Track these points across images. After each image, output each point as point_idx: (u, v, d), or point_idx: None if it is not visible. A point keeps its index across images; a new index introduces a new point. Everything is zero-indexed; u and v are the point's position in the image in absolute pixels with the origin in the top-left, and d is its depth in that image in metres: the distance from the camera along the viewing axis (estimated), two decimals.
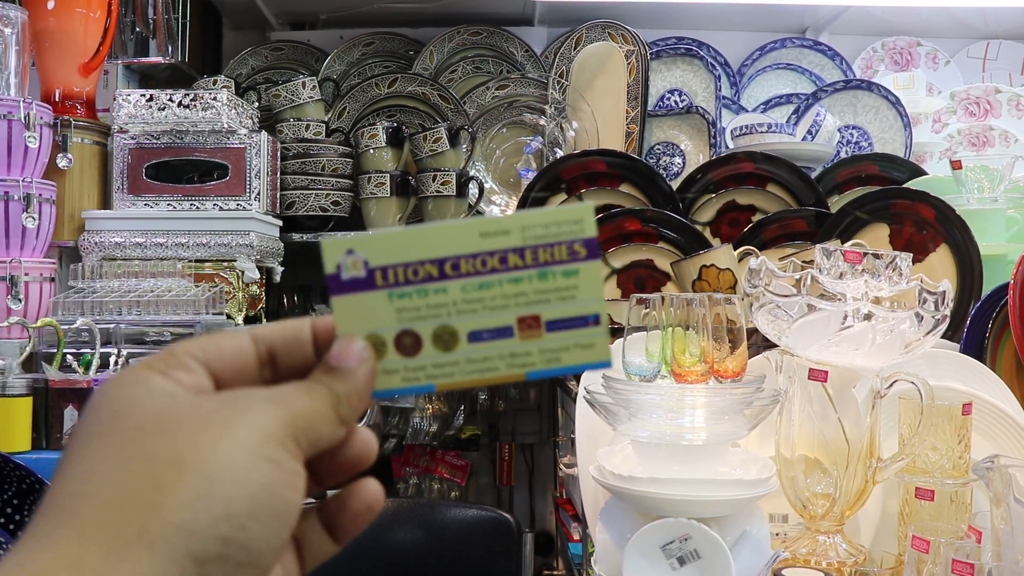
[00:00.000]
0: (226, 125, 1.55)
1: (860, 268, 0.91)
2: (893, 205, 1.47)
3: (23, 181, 1.43)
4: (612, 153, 1.70)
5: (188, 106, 1.53)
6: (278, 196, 1.73)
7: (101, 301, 1.41)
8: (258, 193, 1.59)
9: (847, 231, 1.48)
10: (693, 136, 1.92)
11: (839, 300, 0.91)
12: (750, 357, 0.94)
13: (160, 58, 1.81)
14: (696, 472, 0.83)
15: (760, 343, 1.07)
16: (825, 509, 0.88)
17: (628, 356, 0.90)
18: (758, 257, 0.98)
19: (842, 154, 1.89)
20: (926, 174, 1.71)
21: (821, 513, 0.88)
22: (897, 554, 0.88)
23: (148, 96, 1.55)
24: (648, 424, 0.86)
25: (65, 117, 1.55)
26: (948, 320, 0.90)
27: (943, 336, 0.95)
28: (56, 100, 1.58)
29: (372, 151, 1.82)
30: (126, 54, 1.78)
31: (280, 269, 1.70)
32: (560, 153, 1.84)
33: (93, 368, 1.31)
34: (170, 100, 1.54)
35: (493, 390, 1.89)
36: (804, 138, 1.82)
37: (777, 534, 0.94)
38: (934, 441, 0.87)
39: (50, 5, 1.54)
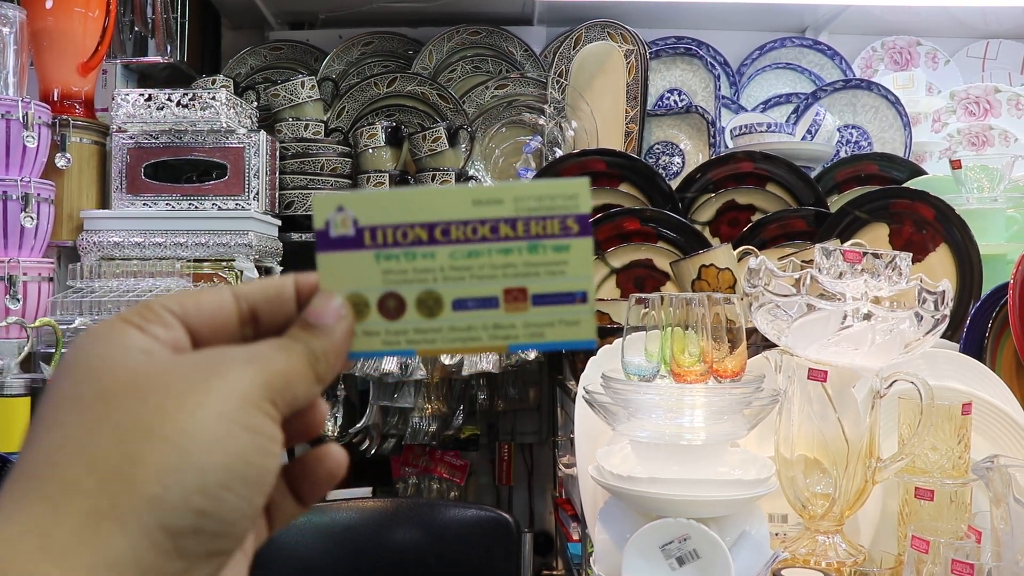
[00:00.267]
0: (225, 125, 1.55)
1: (860, 268, 0.90)
2: (893, 205, 1.47)
3: (21, 181, 1.43)
4: (611, 152, 1.70)
5: (187, 106, 1.53)
6: (277, 196, 1.73)
7: (100, 301, 1.41)
8: (257, 193, 1.58)
9: (847, 231, 1.47)
10: (692, 136, 1.92)
11: (838, 300, 0.91)
12: (749, 357, 0.94)
13: (159, 58, 1.80)
14: (695, 472, 0.83)
15: (759, 343, 1.07)
16: (824, 509, 0.88)
17: (627, 356, 0.90)
18: (757, 257, 0.98)
19: (842, 154, 1.89)
20: (926, 174, 1.71)
21: (820, 513, 0.88)
22: (897, 554, 0.88)
23: (147, 96, 1.55)
24: (647, 424, 0.86)
25: (64, 117, 1.55)
26: (948, 320, 0.90)
27: (943, 336, 0.95)
28: (55, 99, 1.58)
29: (371, 151, 1.82)
30: (125, 53, 1.78)
31: (279, 269, 1.70)
32: (559, 152, 1.84)
33: None
34: (169, 100, 1.54)
35: (493, 389, 1.88)
36: (803, 138, 1.81)
37: (776, 534, 0.94)
38: (934, 441, 0.87)
39: (48, 4, 1.54)
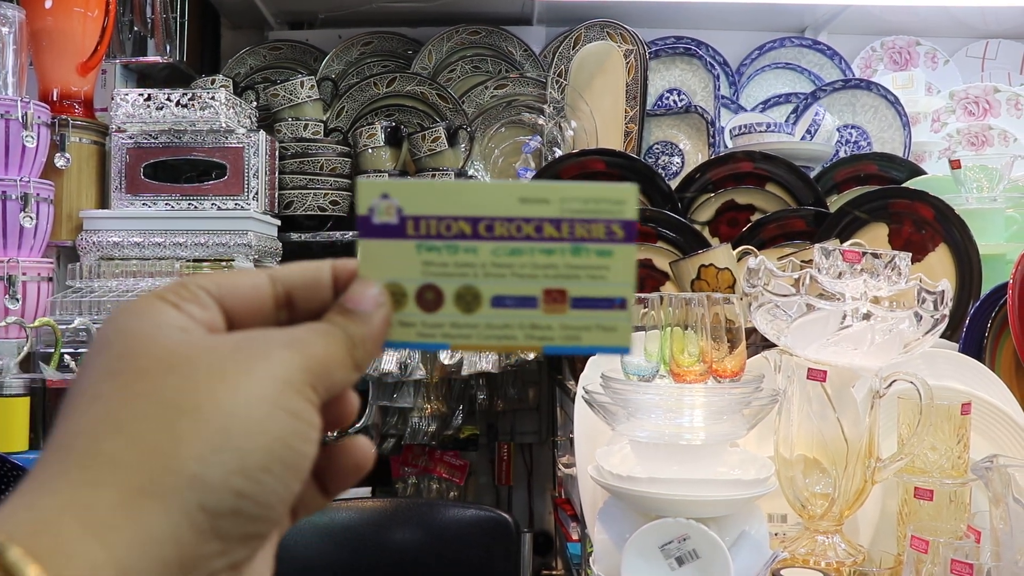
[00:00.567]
0: (224, 124, 1.55)
1: (859, 268, 0.90)
2: (892, 204, 1.47)
3: (21, 180, 1.43)
4: (611, 152, 1.70)
5: (186, 105, 1.53)
6: (276, 195, 1.73)
7: (99, 301, 1.41)
8: (256, 192, 1.58)
9: (846, 230, 1.47)
10: (692, 135, 1.92)
11: (838, 300, 0.91)
12: (749, 357, 0.94)
13: (158, 57, 1.80)
14: (695, 472, 0.83)
15: (759, 343, 1.06)
16: (824, 509, 0.88)
17: (627, 356, 0.90)
18: (757, 257, 0.98)
19: (841, 153, 1.89)
20: (925, 173, 1.71)
21: (820, 513, 0.88)
22: (896, 554, 0.88)
23: (146, 95, 1.55)
24: (647, 424, 0.86)
25: (63, 116, 1.55)
26: (947, 320, 0.90)
27: (942, 336, 0.95)
28: (54, 99, 1.58)
29: (371, 150, 1.82)
30: (124, 53, 1.78)
31: None
32: (559, 152, 1.84)
33: None
34: (168, 99, 1.54)
35: (492, 389, 1.88)
36: (803, 137, 1.81)
37: (776, 534, 0.94)
38: (933, 441, 0.87)
39: (48, 4, 1.54)
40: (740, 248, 1.37)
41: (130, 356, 0.28)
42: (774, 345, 0.97)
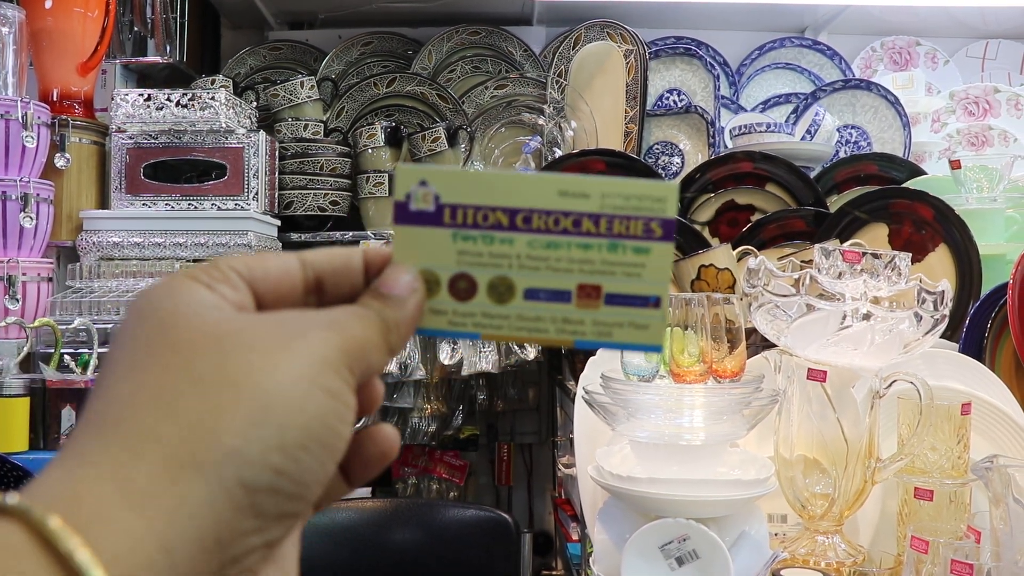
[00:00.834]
0: (224, 125, 1.55)
1: (859, 268, 0.90)
2: (892, 205, 1.47)
3: (21, 181, 1.43)
4: (611, 153, 1.70)
5: (186, 106, 1.53)
6: (276, 196, 1.73)
7: (99, 301, 1.41)
8: (256, 193, 1.58)
9: (846, 231, 1.47)
10: (692, 136, 1.92)
11: (838, 300, 0.91)
12: (749, 357, 0.94)
13: (158, 58, 1.80)
14: (695, 472, 0.83)
15: (759, 343, 1.06)
16: (824, 509, 0.88)
17: (626, 356, 0.90)
18: (757, 257, 0.98)
19: (841, 154, 1.89)
20: (925, 174, 1.71)
21: (820, 513, 0.88)
22: (896, 554, 0.88)
23: (146, 96, 1.55)
24: (647, 424, 0.86)
25: (63, 117, 1.55)
26: (947, 320, 0.90)
27: (942, 336, 0.94)
28: (54, 100, 1.58)
29: (371, 151, 1.82)
30: (124, 54, 1.78)
31: None
32: (559, 153, 1.84)
33: (91, 368, 1.31)
34: (168, 100, 1.54)
35: (492, 389, 1.89)
36: (803, 138, 1.81)
37: (776, 534, 0.94)
38: (933, 441, 0.87)
39: (48, 4, 1.54)
40: (740, 248, 1.37)
41: (168, 330, 0.28)
42: (774, 345, 0.96)
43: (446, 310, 0.33)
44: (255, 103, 1.81)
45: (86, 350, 1.33)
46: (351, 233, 1.78)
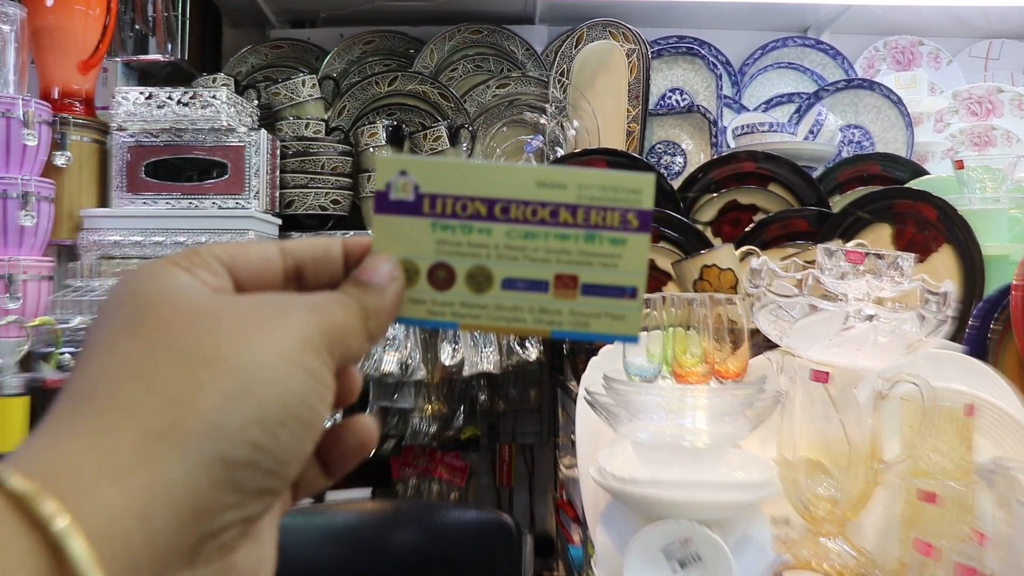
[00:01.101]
0: (225, 123, 1.55)
1: (862, 268, 0.90)
2: (895, 205, 1.46)
3: (21, 179, 1.42)
4: (613, 152, 1.70)
5: (187, 104, 1.53)
6: (277, 195, 1.73)
7: (99, 300, 1.41)
8: (257, 191, 1.58)
9: (849, 231, 1.47)
10: (694, 135, 1.92)
11: (841, 300, 0.91)
12: (751, 358, 0.94)
13: (159, 56, 1.80)
14: (697, 474, 0.83)
15: (761, 343, 1.06)
16: (827, 511, 0.87)
17: (629, 356, 0.90)
18: (760, 257, 0.98)
19: (844, 154, 1.89)
20: (928, 174, 1.70)
21: (823, 515, 0.88)
22: (900, 557, 0.87)
23: (147, 94, 1.54)
24: (649, 425, 0.86)
25: (64, 115, 1.55)
26: (951, 321, 0.89)
27: (947, 337, 0.94)
28: (55, 98, 1.58)
29: (372, 149, 1.82)
30: (125, 52, 1.78)
31: None
32: (561, 152, 1.84)
33: None
34: (169, 98, 1.54)
35: (493, 390, 1.88)
36: (806, 137, 1.81)
37: (779, 537, 0.93)
38: (936, 443, 0.86)
39: (49, 3, 1.53)
40: (743, 248, 1.37)
41: (148, 309, 0.28)
42: (777, 346, 0.96)
43: (425, 299, 0.34)
44: (256, 101, 1.81)
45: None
46: (351, 233, 1.77)
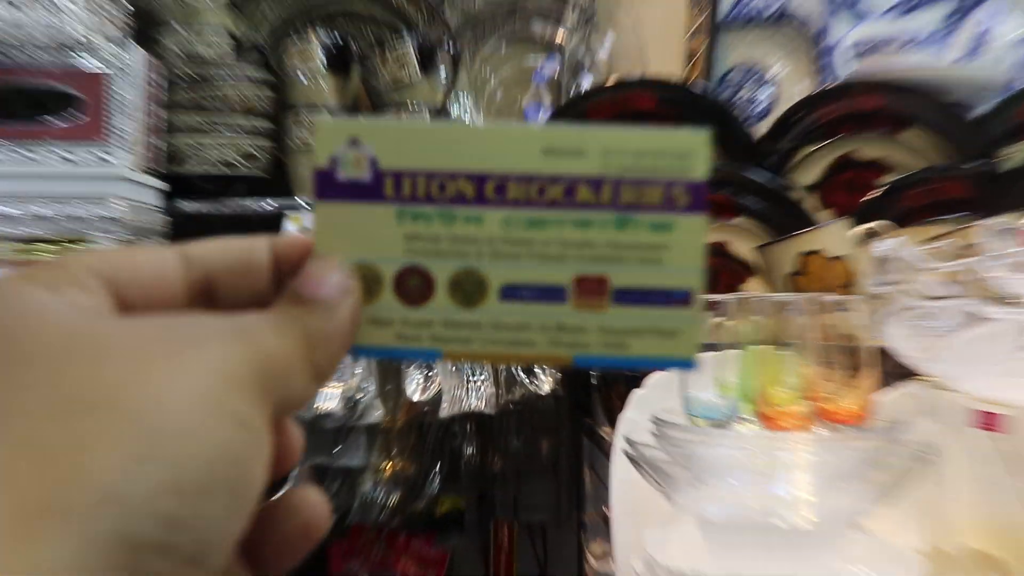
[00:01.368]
0: (77, 35, 1.54)
1: None
2: None
3: None
4: (665, 84, 1.70)
5: (16, 5, 1.51)
6: (160, 145, 1.72)
7: None
8: (128, 139, 1.57)
9: None
10: (789, 56, 1.93)
11: (1017, 305, 0.92)
12: (879, 391, 0.95)
13: None
14: (799, 569, 0.83)
15: (893, 370, 1.07)
16: None
17: (690, 388, 0.91)
18: (891, 239, 0.99)
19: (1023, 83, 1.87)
20: None
21: None
22: None
23: None
24: (722, 494, 0.86)
25: None
26: None
27: None
28: None
29: (304, 79, 1.82)
30: None
31: None
32: (587, 83, 1.84)
33: None
34: None
35: (485, 439, 1.90)
36: (962, 58, 1.82)
37: None
38: None
39: None
40: (864, 226, 1.38)
41: (9, 343, 0.29)
42: (918, 374, 0.98)
43: (392, 319, 0.36)
44: (130, 5, 1.79)
45: None
46: (274, 201, 1.76)
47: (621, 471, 0.99)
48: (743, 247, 1.55)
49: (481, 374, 1.67)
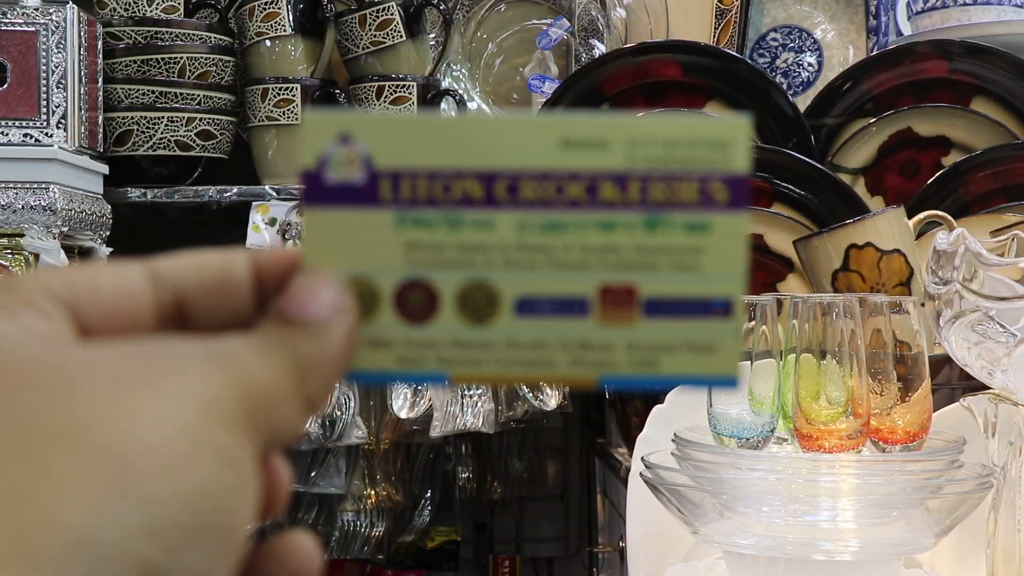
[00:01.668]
0: None
1: None
2: None
3: None
4: (692, 48, 1.71)
5: None
6: (101, 121, 1.73)
7: None
8: (63, 115, 1.58)
9: None
10: (837, 15, 1.93)
11: None
12: (938, 407, 0.95)
13: None
14: None
15: (954, 381, 1.10)
16: None
17: (718, 405, 0.91)
18: (953, 230, 0.98)
19: None
20: None
21: None
22: None
23: None
24: (754, 525, 0.87)
25: None
26: None
27: None
28: None
29: (268, 43, 1.82)
30: None
31: (106, 250, 1.70)
32: (601, 48, 1.84)
33: None
34: None
35: (483, 463, 1.90)
36: None
37: None
38: None
39: None
40: (922, 215, 1.38)
41: None
42: (985, 387, 0.96)
43: (392, 339, 0.36)
44: None
45: None
46: (235, 189, 1.77)
47: (638, 498, 0.99)
48: (781, 240, 1.54)
49: (478, 388, 1.68)
